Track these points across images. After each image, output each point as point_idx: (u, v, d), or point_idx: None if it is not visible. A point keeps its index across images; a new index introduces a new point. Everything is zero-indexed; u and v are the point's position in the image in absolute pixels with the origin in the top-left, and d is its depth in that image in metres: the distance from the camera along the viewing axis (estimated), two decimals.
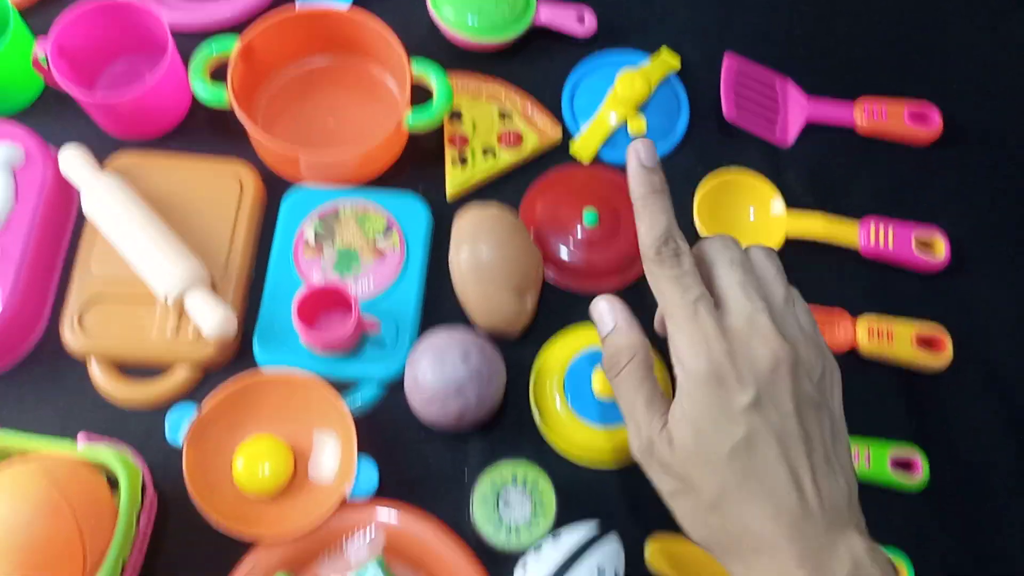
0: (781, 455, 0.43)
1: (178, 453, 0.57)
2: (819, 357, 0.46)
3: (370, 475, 0.58)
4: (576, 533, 0.55)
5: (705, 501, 0.45)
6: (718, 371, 0.44)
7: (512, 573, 0.56)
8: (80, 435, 0.54)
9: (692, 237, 0.67)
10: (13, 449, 0.54)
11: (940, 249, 0.67)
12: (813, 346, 0.46)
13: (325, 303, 0.60)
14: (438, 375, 0.57)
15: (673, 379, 0.46)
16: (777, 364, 0.44)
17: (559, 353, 0.63)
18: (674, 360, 0.45)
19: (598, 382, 0.60)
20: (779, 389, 0.44)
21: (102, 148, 0.66)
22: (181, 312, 0.61)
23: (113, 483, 0.55)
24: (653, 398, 0.47)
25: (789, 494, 0.43)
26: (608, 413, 0.61)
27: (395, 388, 0.62)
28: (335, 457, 0.59)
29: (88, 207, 0.62)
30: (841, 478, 0.45)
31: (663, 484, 0.47)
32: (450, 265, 0.63)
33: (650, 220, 0.47)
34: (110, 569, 0.51)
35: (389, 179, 0.68)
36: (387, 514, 0.58)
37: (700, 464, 0.44)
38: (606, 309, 0.50)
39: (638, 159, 0.48)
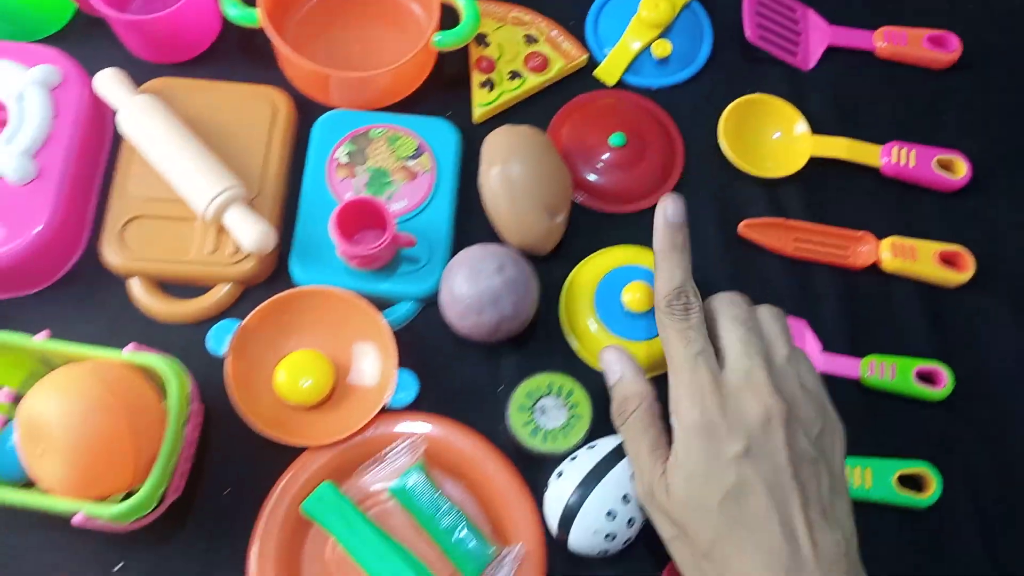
0: (773, 506, 0.44)
1: (220, 369, 0.58)
2: (819, 415, 0.48)
3: (409, 385, 0.59)
4: (611, 441, 0.56)
5: (699, 548, 0.46)
6: (710, 423, 0.46)
7: (546, 479, 0.57)
8: (129, 345, 0.55)
9: (718, 160, 0.69)
10: (62, 356, 0.55)
11: (961, 169, 0.68)
12: (814, 404, 0.48)
13: (361, 221, 0.61)
14: (473, 286, 0.58)
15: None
16: (769, 418, 0.46)
17: (589, 271, 0.64)
18: (671, 410, 0.48)
19: (629, 296, 0.61)
20: (772, 442, 0.45)
21: (133, 74, 0.66)
22: (219, 229, 0.62)
23: (161, 392, 0.56)
24: (657, 445, 0.49)
25: (781, 545, 0.44)
26: (638, 327, 0.62)
27: (429, 306, 0.63)
28: (375, 368, 0.60)
29: (125, 126, 0.62)
30: (838, 532, 0.45)
31: (663, 529, 0.49)
32: (480, 185, 0.64)
33: (667, 274, 0.50)
34: (160, 472, 0.52)
35: (417, 104, 0.69)
36: (426, 424, 0.59)
37: (693, 511, 0.46)
38: (614, 359, 0.53)
39: (665, 215, 0.52)
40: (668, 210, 0.52)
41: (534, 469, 0.59)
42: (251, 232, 0.59)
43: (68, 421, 0.50)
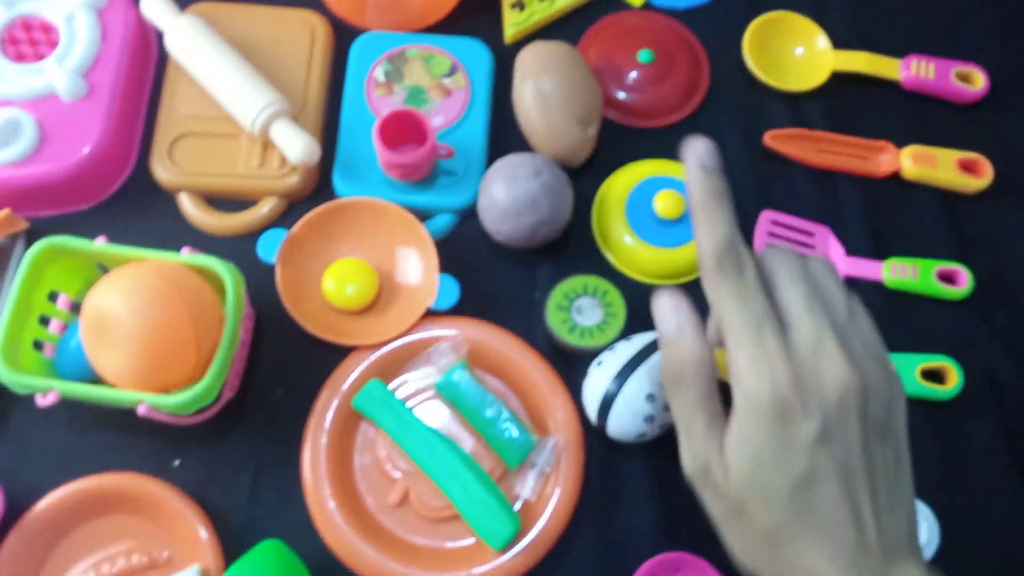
0: (843, 491, 0.41)
1: (268, 279, 0.61)
2: (886, 379, 0.43)
3: (451, 289, 0.61)
4: (649, 335, 0.59)
5: (758, 533, 0.42)
6: (782, 400, 0.40)
7: (581, 378, 0.60)
8: (184, 249, 0.58)
9: (742, 77, 0.71)
10: (120, 260, 0.57)
11: (978, 81, 0.70)
12: (881, 367, 0.43)
13: (402, 134, 0.63)
14: (512, 191, 0.60)
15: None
16: (846, 393, 0.41)
17: (620, 183, 0.66)
18: (732, 380, 0.42)
19: (661, 204, 0.63)
20: (846, 420, 0.41)
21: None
22: (265, 145, 0.65)
23: (217, 293, 0.58)
24: (715, 419, 0.43)
25: (848, 530, 0.41)
26: (669, 235, 0.64)
27: (466, 218, 0.66)
28: (419, 273, 0.63)
29: (172, 46, 0.65)
30: (901, 511, 0.43)
31: (715, 508, 0.44)
32: (514, 99, 0.66)
33: (710, 228, 0.43)
34: (221, 361, 0.55)
35: (450, 27, 0.71)
36: (467, 325, 0.62)
37: (757, 496, 0.42)
38: (670, 308, 0.44)
39: (698, 161, 0.44)
40: (702, 155, 0.44)
41: (569, 369, 0.61)
42: (297, 144, 0.62)
43: (133, 311, 0.52)
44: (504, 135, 0.68)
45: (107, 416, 0.60)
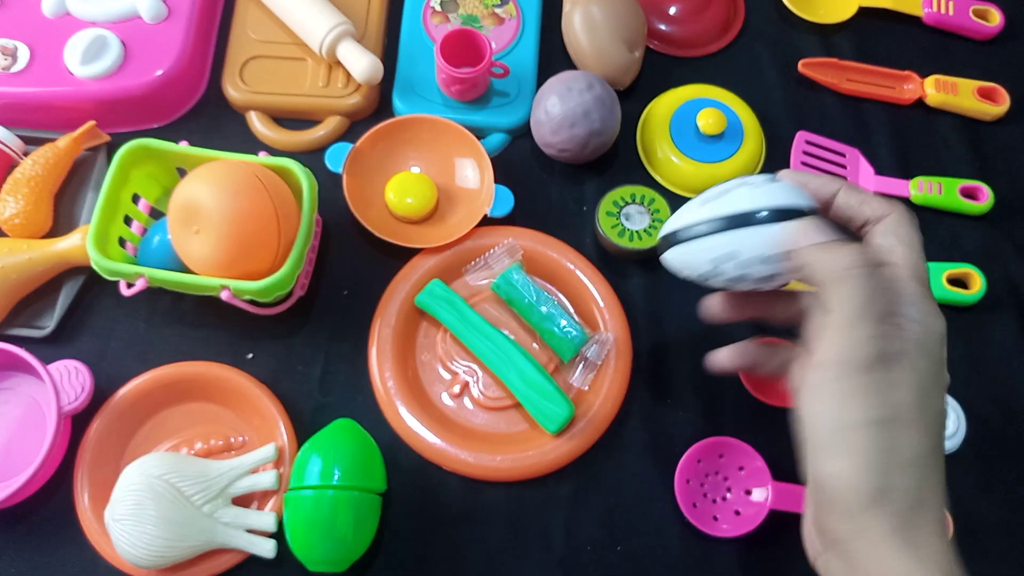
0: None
1: (331, 192, 0.65)
2: None
3: (506, 197, 0.65)
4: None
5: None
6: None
7: (627, 285, 0.64)
8: (260, 152, 0.62)
9: (775, 10, 0.76)
10: (203, 160, 0.61)
11: (994, 18, 0.75)
12: None
13: (460, 56, 0.67)
14: (566, 103, 0.65)
15: None
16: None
17: (664, 104, 0.71)
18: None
19: (703, 121, 0.68)
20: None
21: None
22: (329, 67, 0.69)
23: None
24: None
25: None
26: (711, 150, 0.69)
27: (518, 138, 0.70)
28: (476, 181, 0.67)
29: None
30: None
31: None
32: (563, 26, 0.71)
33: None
34: (299, 250, 0.58)
35: None
36: (521, 234, 0.66)
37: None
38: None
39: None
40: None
41: (616, 276, 0.65)
42: (363, 62, 0.66)
43: (223, 199, 0.56)
44: (553, 62, 0.72)
45: (184, 312, 0.64)
